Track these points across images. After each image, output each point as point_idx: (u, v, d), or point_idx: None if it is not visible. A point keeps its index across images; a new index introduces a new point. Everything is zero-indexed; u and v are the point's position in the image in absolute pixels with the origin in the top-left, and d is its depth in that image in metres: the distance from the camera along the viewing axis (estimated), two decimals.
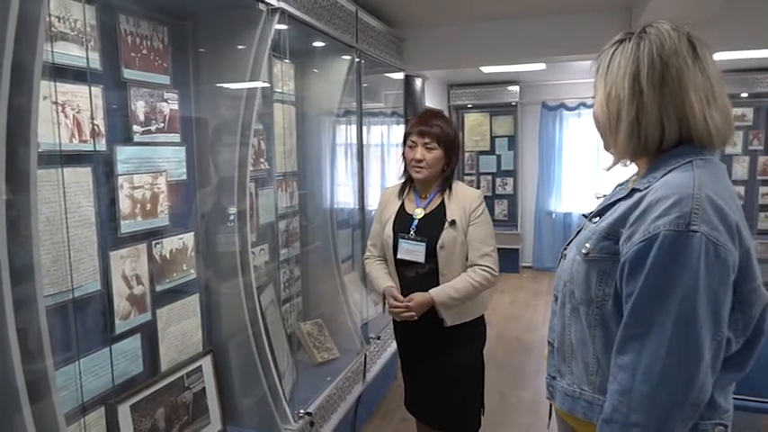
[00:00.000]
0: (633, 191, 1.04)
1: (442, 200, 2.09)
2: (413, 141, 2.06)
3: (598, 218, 1.10)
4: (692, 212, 0.91)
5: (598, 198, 1.26)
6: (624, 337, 0.97)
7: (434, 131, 2.03)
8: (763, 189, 5.85)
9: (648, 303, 0.93)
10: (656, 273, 0.92)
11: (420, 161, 2.04)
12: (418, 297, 1.99)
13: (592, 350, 1.08)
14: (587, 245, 1.07)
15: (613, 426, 0.96)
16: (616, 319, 1.01)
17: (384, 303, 2.14)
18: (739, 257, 0.93)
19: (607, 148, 1.12)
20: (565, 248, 1.20)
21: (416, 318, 2.00)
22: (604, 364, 1.04)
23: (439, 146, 2.04)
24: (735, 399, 1.06)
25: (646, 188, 1.01)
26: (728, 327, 0.95)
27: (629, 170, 1.15)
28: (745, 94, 5.70)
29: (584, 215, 1.19)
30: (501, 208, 6.78)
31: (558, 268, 1.21)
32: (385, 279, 2.13)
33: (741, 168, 5.89)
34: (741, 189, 5.91)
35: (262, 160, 2.47)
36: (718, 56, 4.32)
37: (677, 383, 0.91)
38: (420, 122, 2.07)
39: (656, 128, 1.00)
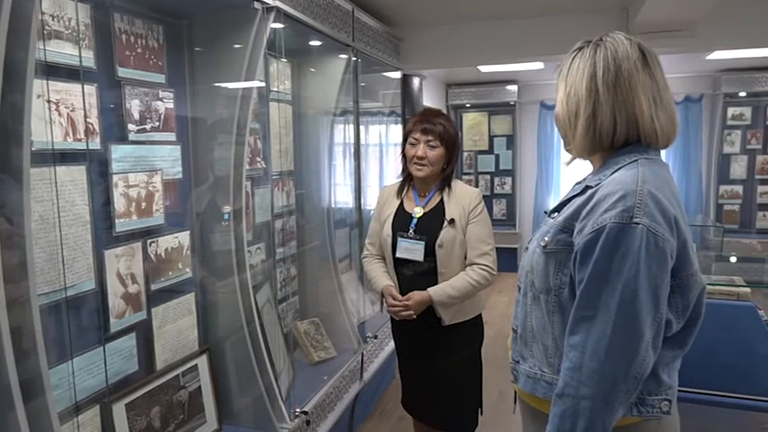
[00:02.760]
0: (586, 188, 1.14)
1: (441, 198, 2.08)
2: (415, 138, 2.06)
3: (556, 213, 1.19)
4: (634, 206, 1.00)
5: None
6: (575, 319, 1.06)
7: (438, 129, 2.03)
8: (761, 188, 5.85)
9: (596, 288, 1.02)
10: (603, 260, 1.01)
11: (422, 158, 2.04)
12: (417, 296, 1.99)
13: (551, 334, 1.17)
14: (546, 238, 1.16)
15: (565, 399, 1.05)
16: (572, 305, 1.09)
17: (382, 302, 2.13)
18: (677, 247, 1.03)
19: (567, 145, 1.22)
20: (528, 243, 1.29)
21: (415, 316, 2.00)
22: (562, 346, 1.12)
23: (441, 144, 2.04)
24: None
25: (596, 185, 1.11)
26: (669, 309, 1.05)
27: (588, 168, 1.24)
28: (743, 94, 5.71)
29: (545, 212, 1.29)
30: (499, 207, 6.78)
31: (521, 261, 1.30)
32: (383, 278, 2.13)
33: (739, 167, 5.89)
34: (740, 188, 5.92)
35: (258, 159, 2.47)
36: (717, 55, 4.34)
37: (621, 359, 1.01)
38: (423, 120, 2.06)
39: (610, 124, 1.10)
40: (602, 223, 1.02)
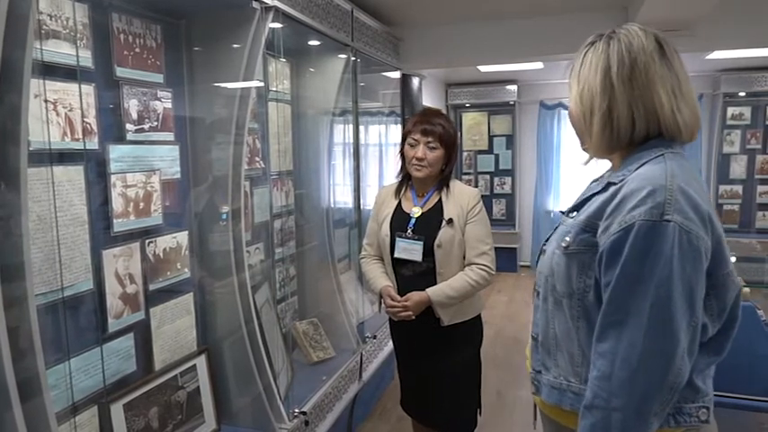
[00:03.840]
0: (609, 184, 1.07)
1: (440, 198, 2.08)
2: (414, 139, 2.05)
3: (575, 212, 1.12)
4: (665, 203, 0.94)
5: None
6: (603, 325, 0.99)
7: (437, 130, 2.02)
8: (761, 188, 5.84)
9: (626, 291, 0.95)
10: (633, 261, 0.94)
11: (421, 159, 2.03)
12: (415, 296, 1.98)
13: (576, 342, 1.09)
14: (567, 238, 1.09)
15: (594, 411, 0.98)
16: (598, 310, 1.02)
17: (380, 303, 2.13)
18: (712, 245, 0.96)
19: (583, 144, 1.15)
20: (544, 245, 1.23)
21: (414, 317, 1.99)
22: (589, 354, 1.05)
23: (441, 145, 2.03)
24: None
25: (620, 181, 1.03)
26: (704, 312, 0.98)
27: (605, 166, 1.18)
28: (742, 93, 5.70)
29: (561, 212, 1.21)
30: (499, 207, 6.78)
31: (537, 264, 1.23)
32: (382, 279, 2.12)
33: (739, 167, 5.89)
34: (739, 188, 5.91)
35: (257, 159, 2.46)
36: (717, 54, 4.34)
37: (655, 368, 0.93)
38: (423, 121, 2.05)
39: (627, 120, 1.04)
40: (630, 221, 0.94)
